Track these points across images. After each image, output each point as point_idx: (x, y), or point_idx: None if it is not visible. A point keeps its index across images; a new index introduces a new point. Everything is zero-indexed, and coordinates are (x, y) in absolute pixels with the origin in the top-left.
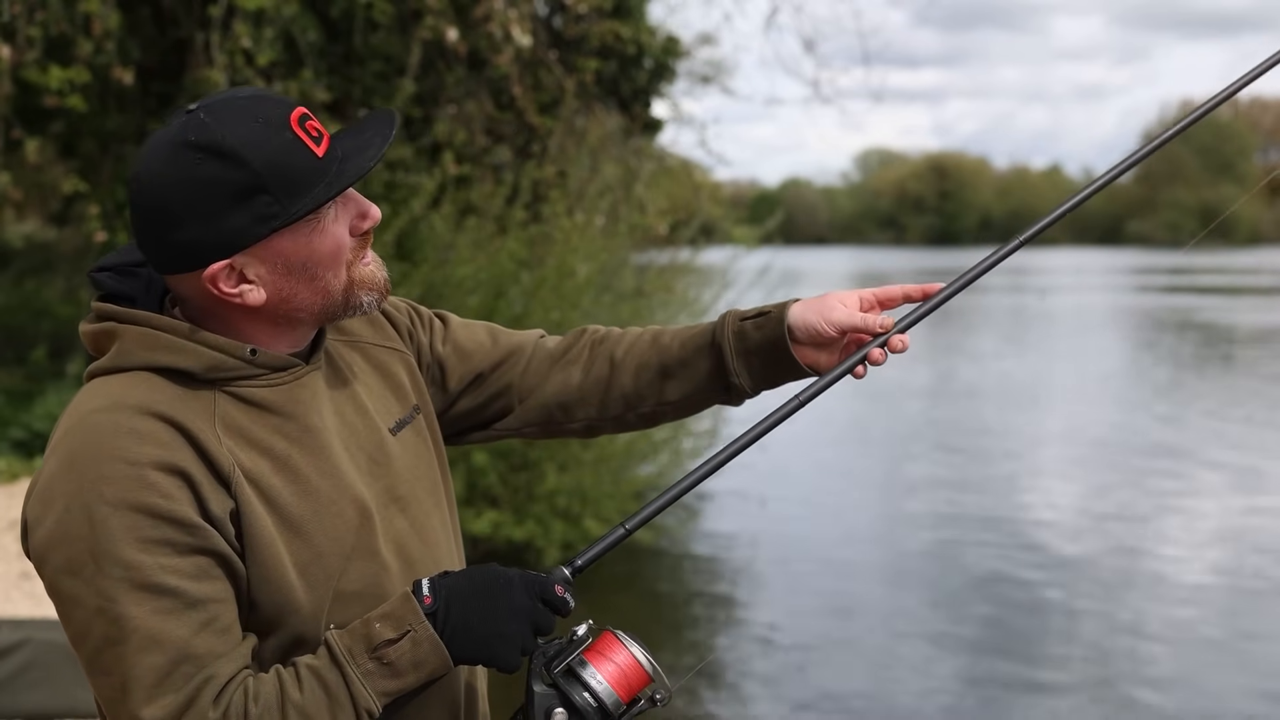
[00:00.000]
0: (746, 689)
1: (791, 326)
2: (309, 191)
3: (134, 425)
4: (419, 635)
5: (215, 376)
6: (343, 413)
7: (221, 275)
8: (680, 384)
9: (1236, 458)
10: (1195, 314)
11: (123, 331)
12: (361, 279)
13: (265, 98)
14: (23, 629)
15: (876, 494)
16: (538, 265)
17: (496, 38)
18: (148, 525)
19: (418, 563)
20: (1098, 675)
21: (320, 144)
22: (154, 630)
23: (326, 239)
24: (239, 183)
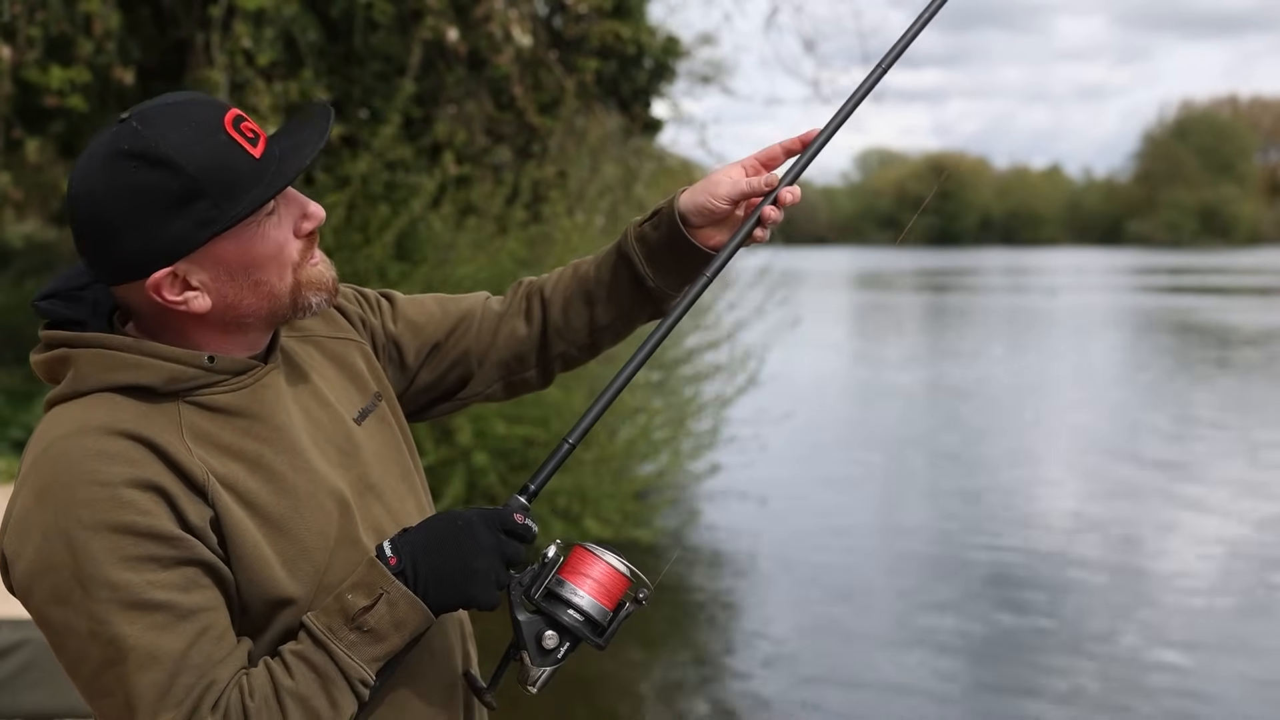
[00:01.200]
0: (746, 688)
1: (684, 214)
2: (247, 193)
3: (101, 446)
4: (393, 596)
5: (176, 388)
6: (307, 408)
7: (165, 283)
8: (606, 306)
9: (1239, 460)
10: (1195, 314)
11: (76, 356)
12: (309, 280)
13: (198, 101)
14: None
15: (877, 494)
16: (538, 265)
17: (497, 38)
18: (129, 544)
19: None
20: (1100, 678)
21: (256, 145)
22: (150, 646)
23: (268, 241)
24: (175, 189)
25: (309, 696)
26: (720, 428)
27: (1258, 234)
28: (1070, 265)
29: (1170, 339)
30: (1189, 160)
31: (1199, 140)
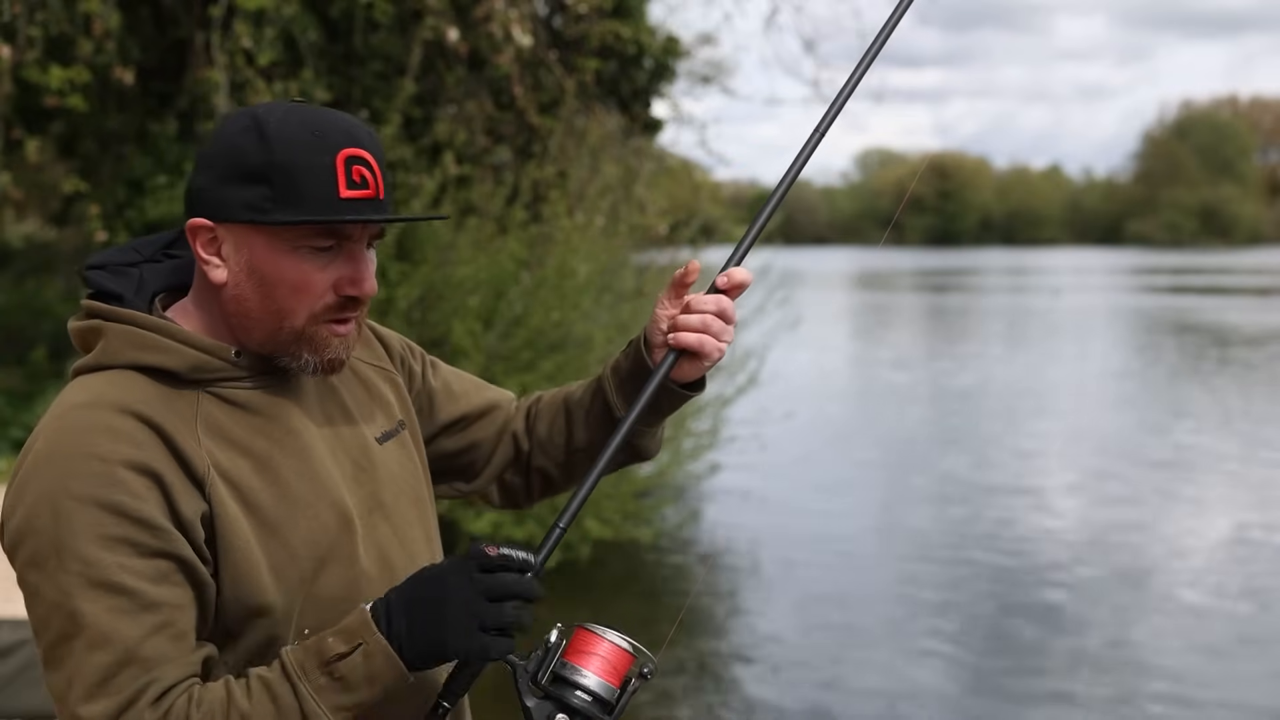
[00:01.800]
0: (747, 689)
1: (646, 336)
2: (300, 210)
3: (110, 423)
4: (370, 648)
5: (199, 377)
6: (329, 418)
7: (202, 233)
8: (582, 430)
9: (1240, 461)
10: (1195, 315)
11: (108, 329)
12: (315, 337)
13: (340, 126)
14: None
15: (877, 495)
16: (538, 265)
17: (497, 38)
18: (111, 523)
19: (400, 570)
20: (1101, 679)
21: (354, 188)
22: (105, 628)
23: (298, 270)
24: (253, 164)
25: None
26: (720, 428)
27: (1258, 234)
28: (1070, 265)
29: (1170, 339)
30: (1189, 160)
31: (1199, 140)
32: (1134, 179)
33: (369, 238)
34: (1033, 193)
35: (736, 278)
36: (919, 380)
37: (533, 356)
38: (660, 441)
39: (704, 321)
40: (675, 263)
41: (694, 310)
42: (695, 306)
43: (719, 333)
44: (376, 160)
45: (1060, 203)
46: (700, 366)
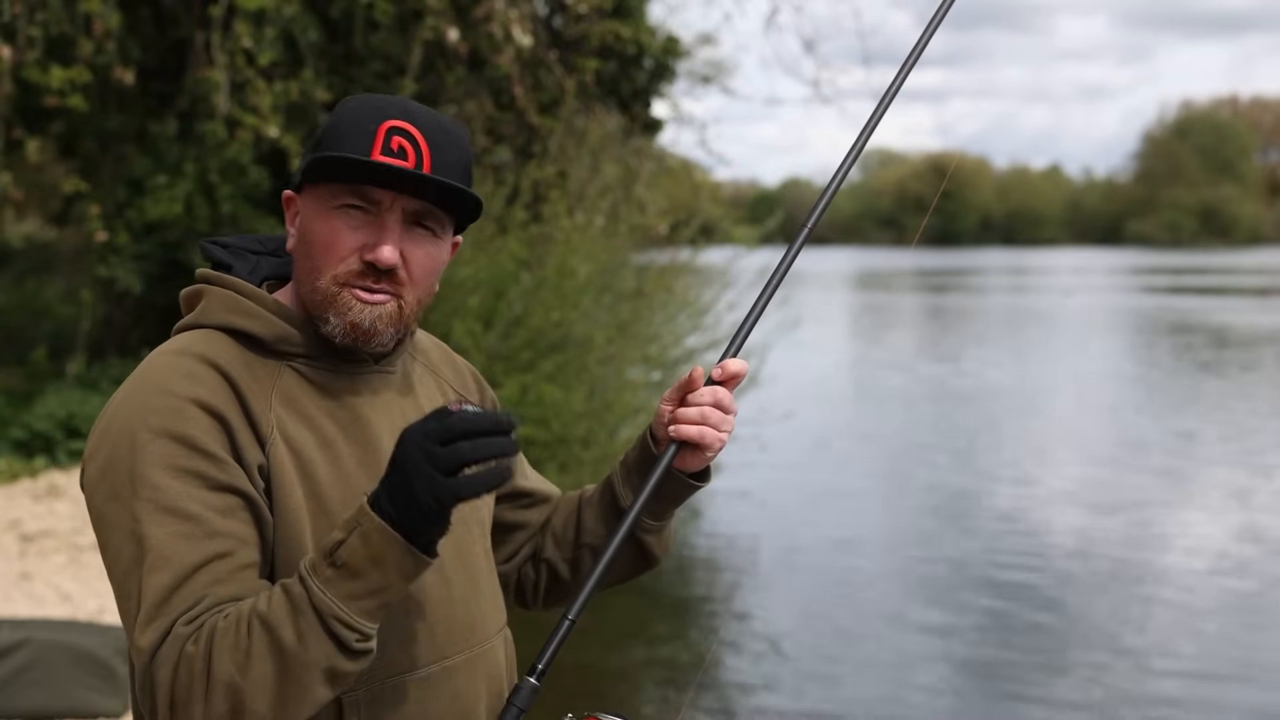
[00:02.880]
0: (747, 689)
1: (651, 430)
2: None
3: (190, 368)
4: (366, 528)
5: (283, 349)
6: (405, 417)
7: (290, 203)
8: (593, 526)
9: (1241, 462)
10: (1196, 315)
11: (209, 292)
12: (337, 299)
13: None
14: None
15: (877, 495)
16: (538, 265)
17: (497, 38)
18: (183, 455)
19: (455, 584)
20: (1102, 680)
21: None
22: (168, 551)
23: (327, 226)
24: (318, 131)
25: (276, 624)
26: None
27: (1258, 234)
28: (1070, 265)
29: (1171, 340)
30: (1189, 160)
31: (1199, 140)
32: (1134, 179)
33: (405, 212)
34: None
35: (731, 369)
36: (919, 381)
37: (533, 356)
38: (669, 543)
39: (702, 414)
40: (675, 263)
41: (692, 404)
42: (693, 400)
43: (718, 423)
44: (430, 144)
45: (1060, 203)
46: (703, 457)
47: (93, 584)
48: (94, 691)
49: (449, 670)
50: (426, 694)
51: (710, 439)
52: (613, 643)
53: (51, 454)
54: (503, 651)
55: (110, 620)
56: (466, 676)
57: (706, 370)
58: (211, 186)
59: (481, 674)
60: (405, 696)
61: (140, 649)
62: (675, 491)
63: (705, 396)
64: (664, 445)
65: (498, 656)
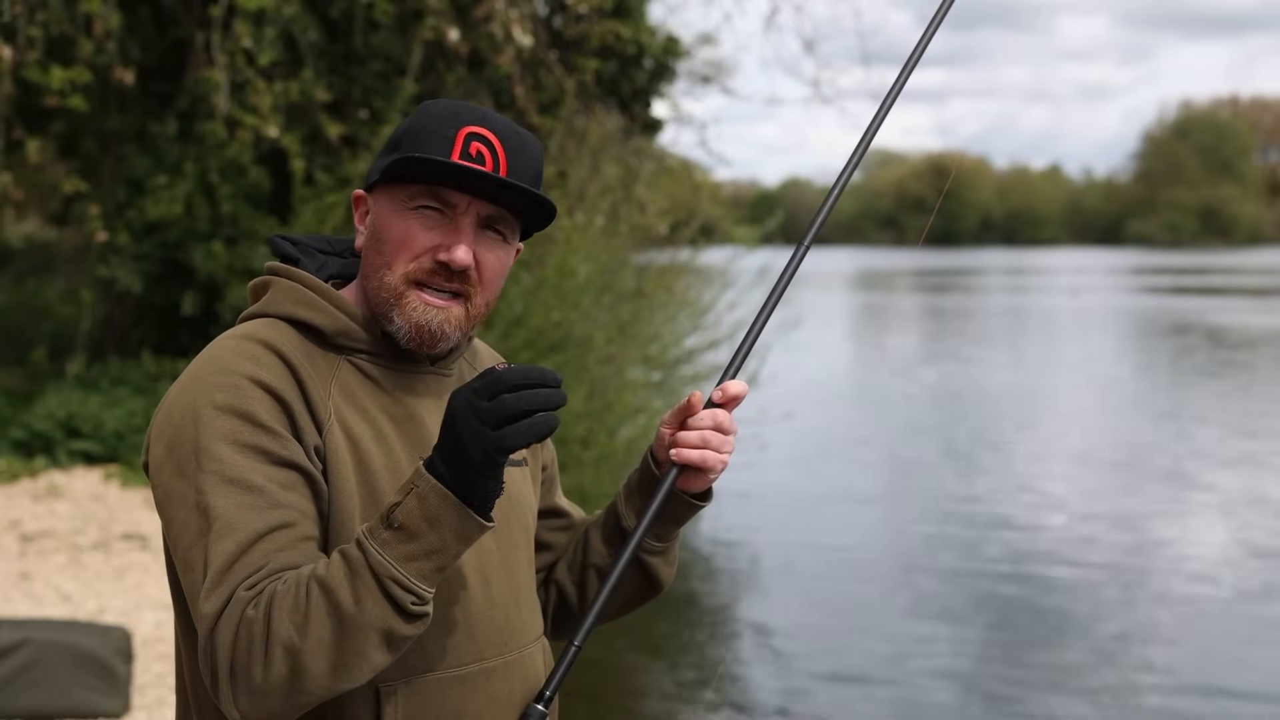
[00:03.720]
0: (747, 688)
1: (653, 451)
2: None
3: (254, 352)
4: (422, 489)
5: (343, 343)
6: None
7: (359, 204)
8: (598, 545)
9: (1242, 463)
10: (1196, 315)
11: (275, 283)
12: (404, 298)
13: (486, 113)
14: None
15: (878, 496)
16: (538, 265)
17: (497, 38)
18: (246, 431)
19: (496, 588)
20: (1104, 681)
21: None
22: (233, 519)
23: (401, 225)
24: (395, 134)
25: (334, 587)
26: None
27: (1258, 234)
28: (1070, 265)
29: (1171, 341)
30: (1189, 160)
31: (1199, 140)
32: (1134, 179)
33: (479, 216)
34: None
35: (731, 391)
36: (920, 381)
37: (533, 356)
38: (675, 567)
39: (703, 437)
40: (675, 263)
41: (692, 428)
42: (693, 424)
43: (719, 446)
44: (506, 150)
45: (1060, 203)
46: (706, 479)
47: (92, 584)
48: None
49: (487, 672)
50: (463, 693)
51: (712, 462)
52: (611, 643)
53: (51, 454)
54: (540, 660)
55: (110, 620)
56: (504, 680)
57: (705, 394)
58: (212, 186)
59: (518, 680)
60: (442, 693)
61: (203, 615)
62: (678, 512)
63: (705, 420)
64: (665, 467)
65: (536, 664)
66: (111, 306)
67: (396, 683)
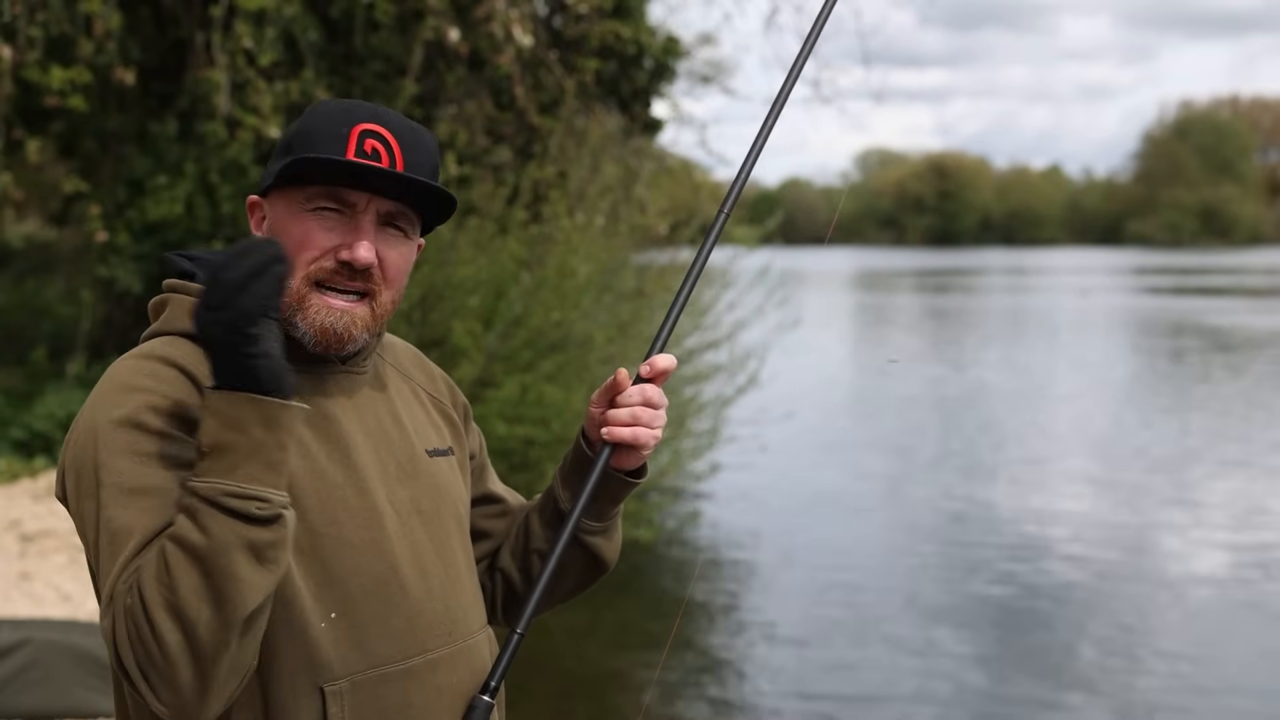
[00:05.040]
0: (747, 687)
1: (584, 432)
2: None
3: (151, 368)
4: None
5: None
6: (379, 419)
7: (255, 208)
8: (539, 531)
9: (1242, 465)
10: (1197, 316)
11: (173, 299)
12: (306, 300)
13: (378, 110)
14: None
15: (878, 495)
16: (538, 266)
17: (497, 38)
18: (142, 439)
19: (434, 579)
20: (1106, 678)
21: (360, 156)
22: (130, 526)
23: (300, 227)
24: (286, 137)
25: (183, 534)
26: (720, 428)
27: (1258, 234)
28: (1071, 265)
29: (1171, 341)
30: (1189, 160)
31: (1199, 140)
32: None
33: (379, 213)
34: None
35: (659, 365)
36: (920, 381)
37: (533, 356)
38: (618, 546)
39: (633, 414)
40: (675, 263)
41: (622, 404)
42: (622, 401)
43: (649, 421)
44: (401, 145)
45: (1060, 203)
46: (639, 455)
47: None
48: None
49: (432, 664)
50: (409, 687)
51: (644, 438)
52: (611, 643)
53: (51, 454)
54: (487, 648)
55: None
56: (449, 671)
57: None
58: (212, 187)
59: (465, 669)
60: (388, 689)
61: (104, 630)
62: (614, 491)
63: (634, 396)
64: (598, 447)
65: (482, 652)
66: (111, 306)
67: (340, 681)
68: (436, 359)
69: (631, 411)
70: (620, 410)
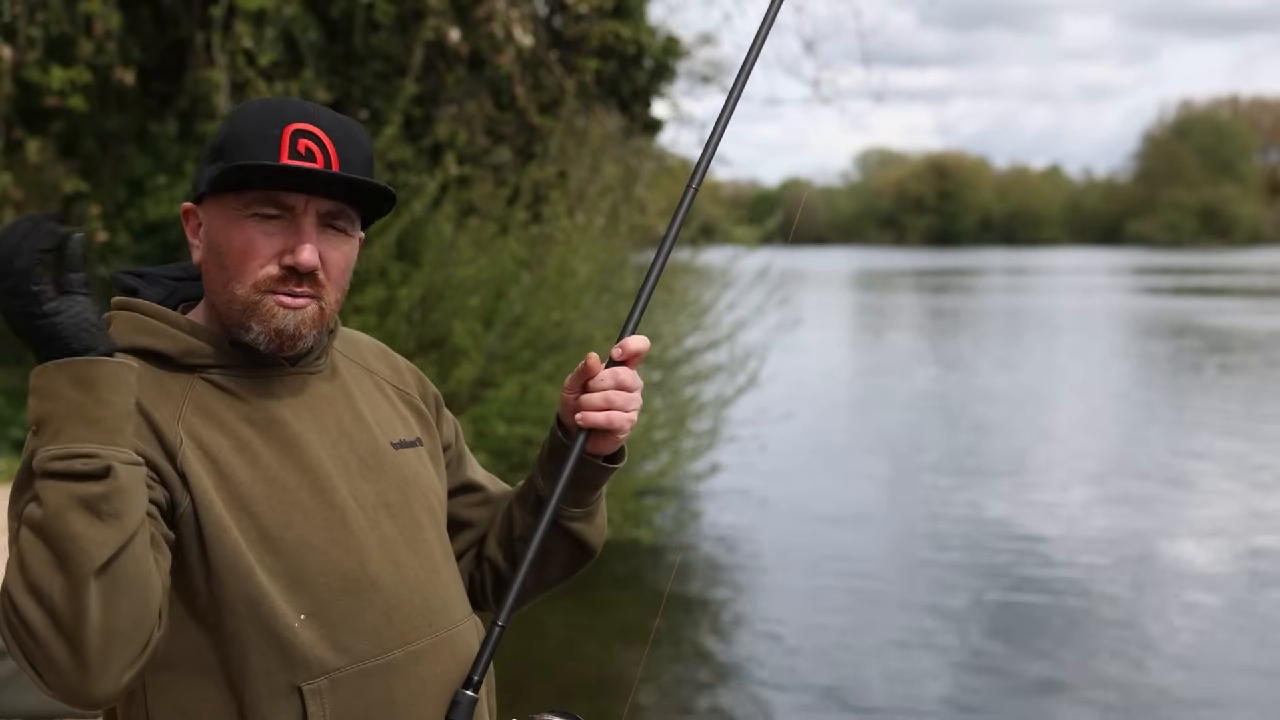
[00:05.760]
0: (747, 687)
1: (560, 418)
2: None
3: None
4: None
5: (192, 362)
6: (338, 416)
7: (189, 217)
8: (521, 518)
9: (1247, 467)
10: (1197, 316)
11: (116, 316)
12: (259, 307)
13: (307, 108)
14: None
15: (878, 495)
16: (538, 266)
17: (497, 38)
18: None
19: (409, 572)
20: (1108, 679)
21: (295, 158)
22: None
23: (241, 235)
24: (215, 142)
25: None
26: (720, 428)
27: (1258, 234)
28: (1071, 265)
29: (1172, 342)
30: (1189, 160)
31: (1199, 140)
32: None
33: (319, 214)
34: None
35: (631, 347)
36: (920, 380)
37: (533, 356)
38: (603, 530)
39: (607, 398)
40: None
41: (595, 389)
42: (595, 386)
43: (624, 405)
44: (334, 142)
45: (1060, 203)
46: (615, 439)
47: None
48: None
49: (414, 656)
50: (391, 681)
51: (619, 421)
52: (609, 643)
53: None
54: (474, 637)
55: None
56: (432, 662)
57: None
58: None
59: (450, 659)
60: (368, 684)
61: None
62: (593, 476)
63: (607, 380)
64: (573, 433)
65: (468, 641)
66: None
67: (319, 679)
68: (436, 359)
69: (605, 395)
70: (594, 395)
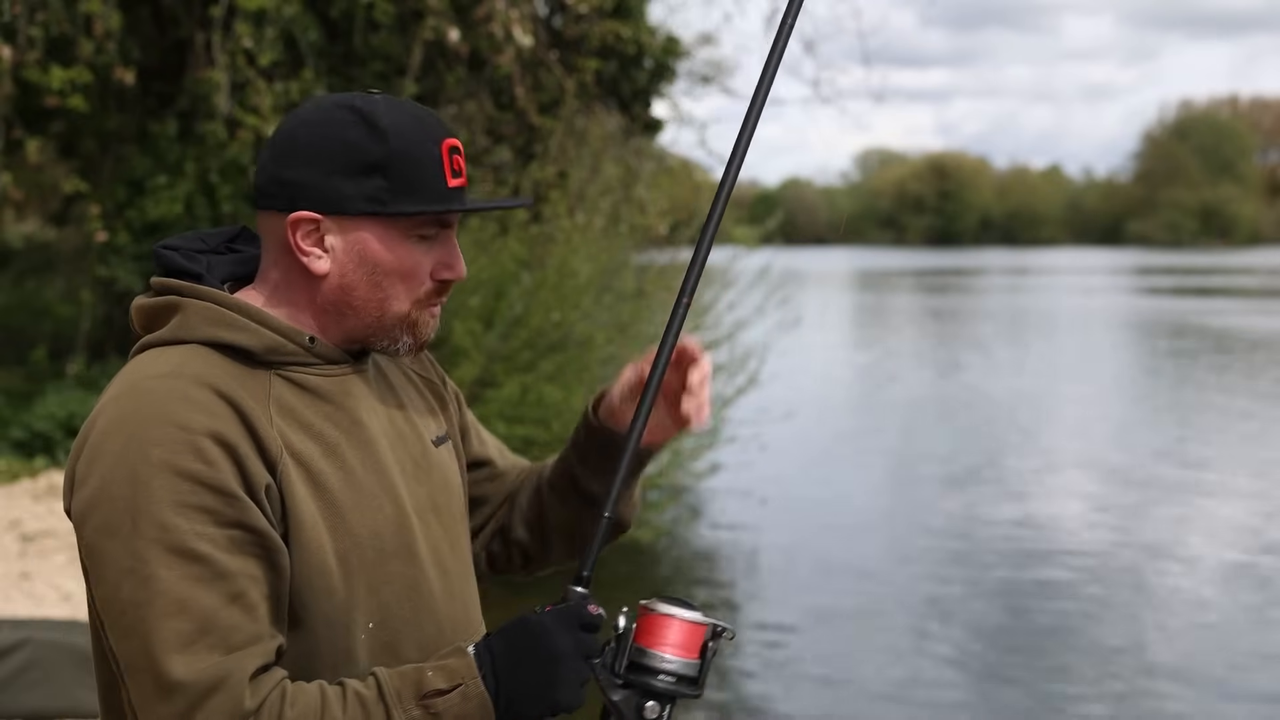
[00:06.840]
0: (747, 687)
1: (597, 403)
2: (420, 200)
3: (189, 393)
4: (469, 690)
5: (273, 359)
6: (391, 417)
7: (304, 226)
8: (554, 492)
9: (1248, 469)
10: (1197, 316)
11: (186, 305)
12: (418, 321)
13: (434, 116)
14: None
15: (880, 495)
16: (538, 266)
17: (497, 38)
18: (189, 490)
19: (453, 574)
20: (1109, 680)
21: (456, 177)
22: (181, 594)
23: (408, 257)
24: (368, 156)
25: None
26: (720, 427)
27: (1258, 234)
28: (1071, 265)
29: (1172, 342)
30: (1189, 160)
31: (1199, 140)
32: (1134, 179)
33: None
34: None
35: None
36: (920, 380)
37: (533, 356)
38: (636, 509)
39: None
40: (675, 263)
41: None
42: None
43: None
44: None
45: (1060, 203)
46: (672, 433)
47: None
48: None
49: None
50: None
51: (703, 418)
52: None
53: (51, 454)
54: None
55: None
56: None
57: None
58: (212, 187)
59: None
60: None
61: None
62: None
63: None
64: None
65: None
66: (111, 306)
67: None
68: (436, 359)
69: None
70: (704, 391)
